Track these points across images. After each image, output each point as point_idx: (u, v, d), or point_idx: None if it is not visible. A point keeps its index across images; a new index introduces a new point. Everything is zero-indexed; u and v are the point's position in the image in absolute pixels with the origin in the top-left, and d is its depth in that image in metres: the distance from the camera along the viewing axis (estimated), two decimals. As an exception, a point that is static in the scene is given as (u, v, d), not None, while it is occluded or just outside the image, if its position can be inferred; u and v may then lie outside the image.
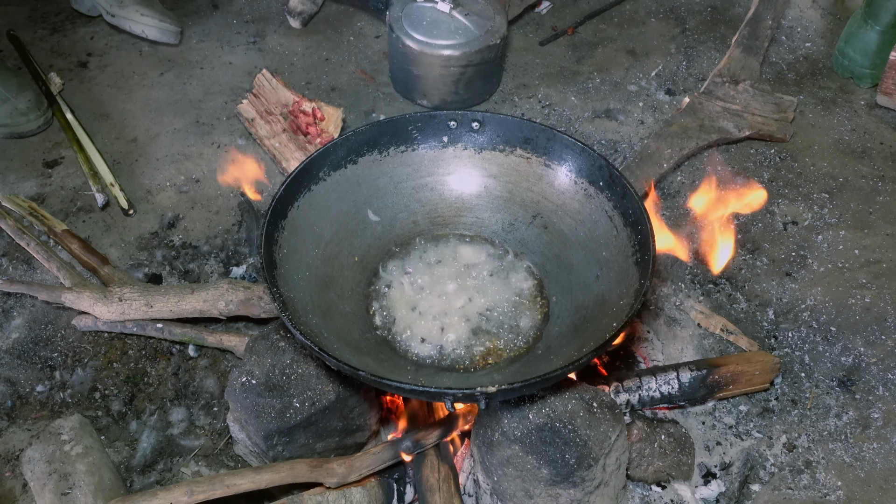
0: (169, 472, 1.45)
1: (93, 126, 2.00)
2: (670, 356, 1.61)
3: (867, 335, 1.58)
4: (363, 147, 1.45)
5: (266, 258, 1.25)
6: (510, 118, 1.47)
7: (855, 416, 1.48)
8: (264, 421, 1.28)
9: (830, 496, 1.36)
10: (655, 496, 1.40)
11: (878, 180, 1.89)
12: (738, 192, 1.79)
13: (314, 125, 1.91)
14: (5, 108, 1.91)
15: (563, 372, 1.12)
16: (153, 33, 2.23)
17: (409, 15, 2.02)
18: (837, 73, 2.20)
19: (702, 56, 2.28)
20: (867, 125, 2.05)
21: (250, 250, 1.77)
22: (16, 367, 1.55)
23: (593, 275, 1.37)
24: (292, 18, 2.34)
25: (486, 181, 1.51)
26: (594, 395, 1.28)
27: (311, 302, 1.30)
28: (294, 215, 1.35)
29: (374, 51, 2.29)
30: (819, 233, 1.78)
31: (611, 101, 2.14)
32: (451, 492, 1.30)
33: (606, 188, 1.39)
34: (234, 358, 1.59)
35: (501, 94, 2.16)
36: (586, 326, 1.30)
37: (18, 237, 1.67)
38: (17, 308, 1.62)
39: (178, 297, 1.54)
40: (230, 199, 1.86)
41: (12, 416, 1.50)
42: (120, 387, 1.56)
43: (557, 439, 1.21)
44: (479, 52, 1.99)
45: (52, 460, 1.33)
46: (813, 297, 1.66)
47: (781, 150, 1.97)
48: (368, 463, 1.29)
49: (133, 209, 1.81)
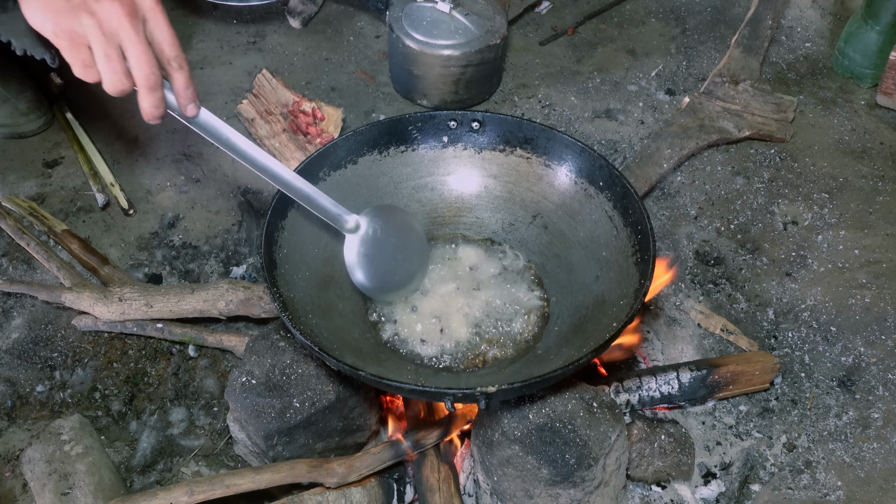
0: (169, 472, 1.45)
1: (93, 126, 2.00)
2: (670, 356, 1.61)
3: (867, 335, 1.58)
4: (363, 147, 1.45)
5: (266, 258, 1.25)
6: (510, 118, 1.47)
7: (855, 416, 1.48)
8: (264, 421, 1.28)
9: (830, 496, 1.36)
10: (655, 496, 1.40)
11: (878, 180, 1.89)
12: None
13: (314, 125, 1.91)
14: (6, 108, 1.91)
15: (563, 372, 1.12)
16: None
17: (409, 15, 2.02)
18: (837, 73, 2.20)
19: (702, 56, 2.28)
20: (867, 125, 2.05)
21: (250, 250, 1.77)
22: (16, 367, 1.55)
23: (593, 275, 1.37)
24: (292, 18, 2.34)
25: (486, 181, 1.51)
26: (594, 395, 1.28)
27: (311, 302, 1.30)
28: (294, 215, 1.35)
29: (374, 51, 2.29)
30: (819, 233, 1.78)
31: (611, 101, 2.14)
32: (451, 492, 1.30)
33: (606, 188, 1.39)
34: (234, 358, 1.59)
35: (501, 94, 2.16)
36: (586, 326, 1.30)
37: (18, 237, 1.67)
38: (17, 308, 1.62)
39: (178, 297, 1.54)
40: (230, 199, 1.86)
41: (12, 416, 1.50)
42: (120, 387, 1.56)
43: (557, 439, 1.21)
44: (479, 52, 1.99)
45: (52, 460, 1.33)
46: (813, 297, 1.66)
47: (781, 150, 1.97)
48: (368, 463, 1.29)
49: (133, 209, 1.81)
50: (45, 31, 0.99)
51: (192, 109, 1.07)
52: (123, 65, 1.00)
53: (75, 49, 0.99)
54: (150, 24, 1.00)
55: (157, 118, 1.06)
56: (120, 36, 0.98)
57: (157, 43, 1.02)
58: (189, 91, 1.05)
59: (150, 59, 1.00)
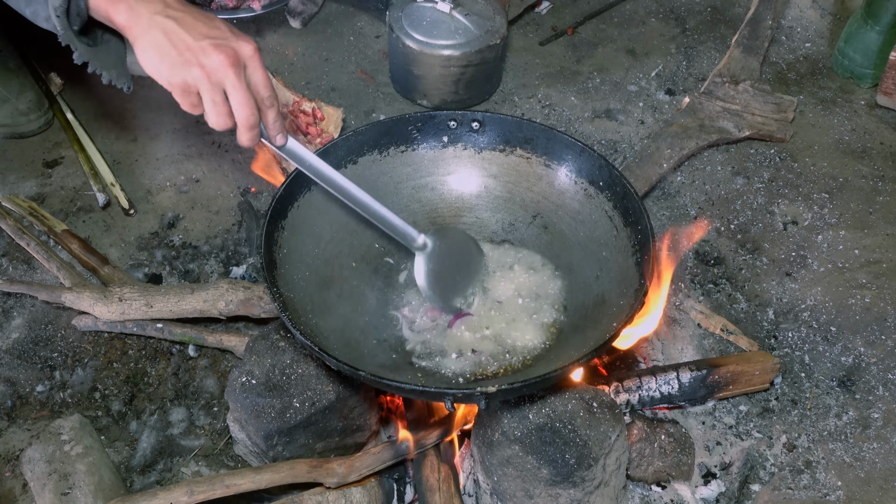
0: (169, 472, 1.45)
1: (93, 126, 2.00)
2: (670, 356, 1.61)
3: (867, 335, 1.58)
4: (363, 147, 1.45)
5: (266, 258, 1.26)
6: (510, 118, 1.47)
7: (855, 416, 1.48)
8: (264, 421, 1.28)
9: (830, 496, 1.36)
10: (655, 496, 1.40)
11: (878, 180, 1.89)
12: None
13: (314, 125, 1.91)
14: (6, 108, 1.91)
15: (563, 372, 1.12)
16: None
17: (409, 15, 2.02)
18: (837, 73, 2.20)
19: (702, 56, 2.28)
20: (867, 125, 2.05)
21: (250, 250, 1.77)
22: (16, 367, 1.55)
23: (593, 275, 1.37)
24: (292, 18, 2.34)
25: (486, 181, 1.51)
26: (594, 395, 1.28)
27: (311, 302, 1.30)
28: (294, 215, 1.35)
29: (374, 51, 2.29)
30: (819, 233, 1.78)
31: (611, 101, 2.14)
32: (451, 492, 1.30)
33: (606, 188, 1.39)
34: (234, 358, 1.59)
35: (501, 94, 2.16)
36: (586, 326, 1.30)
37: (18, 237, 1.67)
38: (17, 308, 1.62)
39: (178, 297, 1.54)
40: (230, 199, 1.86)
41: (12, 416, 1.50)
42: (120, 387, 1.56)
43: (557, 439, 1.21)
44: (479, 52, 1.99)
45: (52, 460, 1.33)
46: (813, 297, 1.66)
47: (781, 150, 1.97)
48: (368, 463, 1.29)
49: (134, 209, 1.81)
50: (160, 79, 1.11)
51: (280, 139, 1.21)
52: (227, 107, 1.13)
53: (186, 94, 1.11)
54: (249, 69, 1.13)
55: (251, 147, 1.20)
56: (225, 84, 1.11)
57: (253, 85, 1.14)
58: (278, 124, 1.19)
59: (250, 103, 1.13)
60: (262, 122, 1.18)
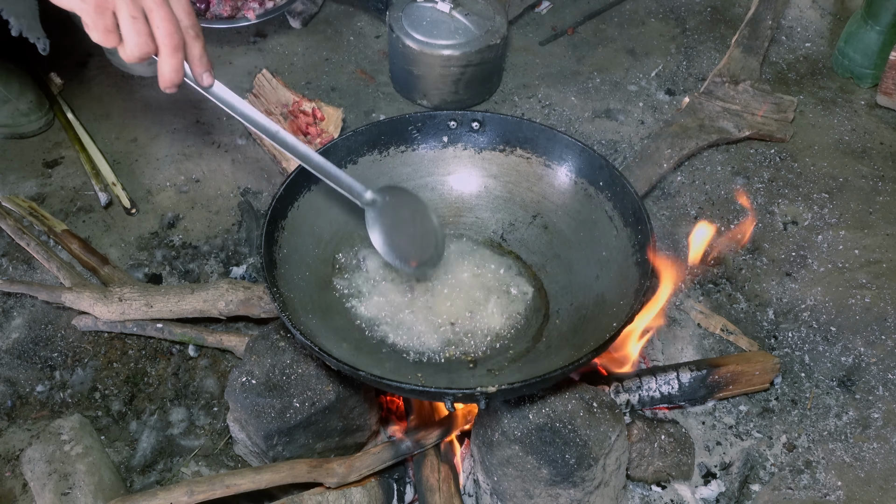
0: (169, 472, 1.45)
1: (93, 126, 2.00)
2: (670, 356, 1.61)
3: (867, 335, 1.58)
4: (363, 147, 1.45)
5: (266, 258, 1.26)
6: (510, 118, 1.47)
7: (855, 416, 1.48)
8: (264, 421, 1.28)
9: (830, 496, 1.36)
10: (655, 496, 1.40)
11: (878, 180, 1.89)
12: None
13: (314, 125, 1.91)
14: (7, 108, 1.91)
15: (563, 372, 1.13)
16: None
17: (409, 15, 2.02)
18: (837, 73, 2.20)
19: (702, 56, 2.28)
20: (867, 125, 2.05)
21: (250, 250, 1.77)
22: (16, 367, 1.55)
23: (593, 275, 1.37)
24: (292, 18, 2.34)
25: (486, 181, 1.51)
26: (594, 395, 1.28)
27: (311, 302, 1.30)
28: (294, 215, 1.35)
29: (374, 51, 2.29)
30: (819, 233, 1.78)
31: (611, 101, 2.14)
32: (451, 492, 1.30)
33: (606, 188, 1.39)
34: (234, 358, 1.59)
35: (501, 94, 2.16)
36: (586, 326, 1.30)
37: (18, 237, 1.67)
38: (17, 308, 1.62)
39: (178, 297, 1.54)
40: (230, 199, 1.86)
41: (12, 416, 1.50)
42: (120, 387, 1.56)
43: (557, 439, 1.21)
44: (479, 52, 1.99)
45: (52, 460, 1.33)
46: (813, 297, 1.66)
47: (781, 150, 1.97)
48: (368, 463, 1.29)
49: (135, 208, 1.82)
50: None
51: (207, 78, 1.12)
52: (147, 27, 1.03)
53: (100, 14, 1.02)
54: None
55: (174, 85, 1.09)
56: (145, 2, 1.02)
57: (175, 12, 1.06)
58: (204, 60, 1.10)
59: (173, 20, 1.04)
60: (185, 57, 1.09)
